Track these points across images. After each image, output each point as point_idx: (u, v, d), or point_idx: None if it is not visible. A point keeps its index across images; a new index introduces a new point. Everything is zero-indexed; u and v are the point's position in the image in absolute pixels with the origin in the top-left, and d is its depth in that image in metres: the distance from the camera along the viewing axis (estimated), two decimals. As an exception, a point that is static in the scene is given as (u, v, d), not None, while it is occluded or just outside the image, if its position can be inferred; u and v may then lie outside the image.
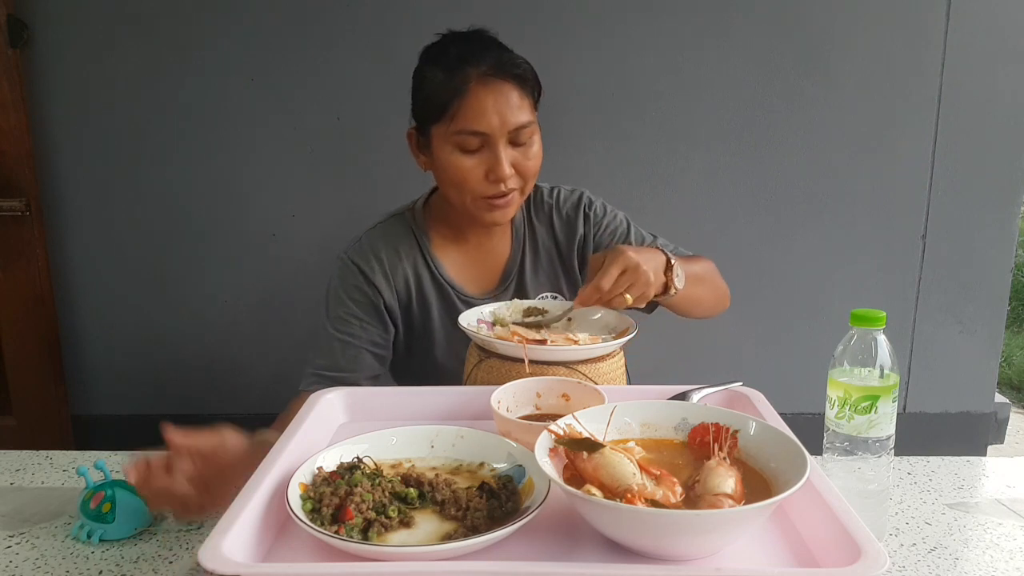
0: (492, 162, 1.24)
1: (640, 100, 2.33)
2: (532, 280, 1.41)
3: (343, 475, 0.76)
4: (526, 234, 1.42)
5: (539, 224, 1.43)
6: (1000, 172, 2.39)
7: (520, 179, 1.28)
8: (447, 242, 1.40)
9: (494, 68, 1.24)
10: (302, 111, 2.33)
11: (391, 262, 1.36)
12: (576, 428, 0.76)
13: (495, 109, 1.22)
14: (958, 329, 2.48)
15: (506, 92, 1.23)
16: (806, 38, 2.30)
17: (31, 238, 2.31)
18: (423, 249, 1.38)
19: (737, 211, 2.40)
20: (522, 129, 1.24)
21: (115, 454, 1.18)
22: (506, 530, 0.67)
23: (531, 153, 1.28)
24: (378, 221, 1.42)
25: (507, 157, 1.24)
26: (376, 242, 1.38)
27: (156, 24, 2.27)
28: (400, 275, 1.37)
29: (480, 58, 1.24)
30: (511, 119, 1.23)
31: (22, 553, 0.92)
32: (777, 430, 0.78)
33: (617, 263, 1.10)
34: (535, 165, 1.29)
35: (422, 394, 1.02)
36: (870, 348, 0.89)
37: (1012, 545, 0.95)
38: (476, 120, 1.23)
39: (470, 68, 1.23)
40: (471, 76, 1.22)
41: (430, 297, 1.38)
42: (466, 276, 1.40)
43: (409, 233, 1.40)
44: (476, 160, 1.25)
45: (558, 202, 1.44)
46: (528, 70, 1.27)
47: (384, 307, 1.36)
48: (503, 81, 1.23)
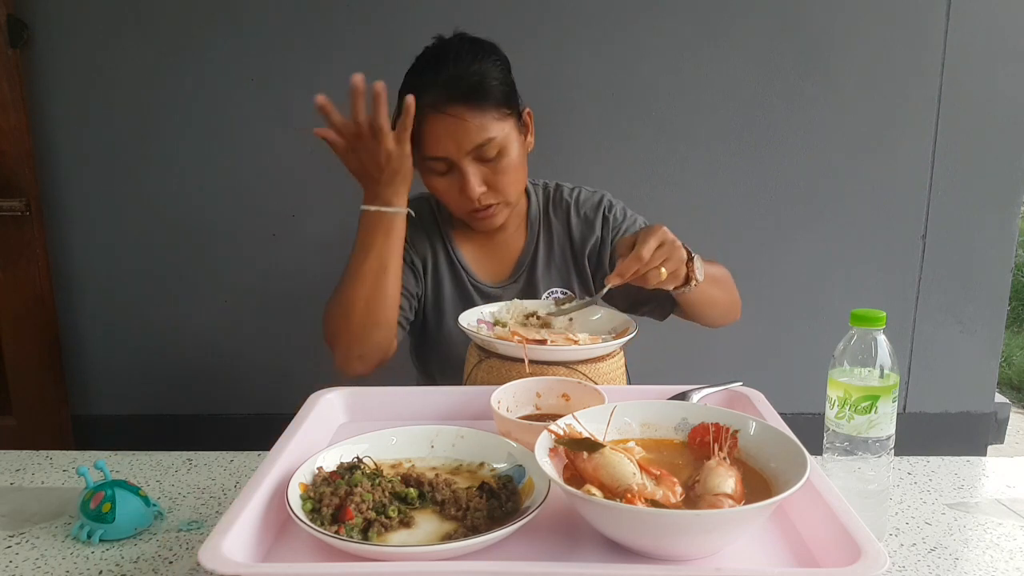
0: (461, 182, 1.28)
1: (640, 100, 2.33)
2: (543, 274, 1.42)
3: (343, 475, 0.77)
4: (541, 228, 1.44)
5: (556, 220, 1.45)
6: (1000, 172, 2.39)
7: (497, 193, 1.30)
8: (465, 231, 1.44)
9: (444, 94, 1.24)
10: (302, 111, 2.32)
11: (414, 235, 1.40)
12: (576, 428, 0.76)
13: (448, 135, 1.25)
14: (958, 329, 2.48)
15: (459, 115, 1.24)
16: (806, 38, 2.30)
17: (31, 238, 2.30)
18: (442, 230, 1.44)
19: (737, 211, 2.40)
20: (483, 147, 1.26)
21: (115, 454, 1.18)
22: (506, 530, 0.67)
23: (501, 167, 1.28)
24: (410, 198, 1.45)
25: (475, 175, 1.27)
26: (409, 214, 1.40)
27: (156, 24, 2.27)
28: (421, 247, 1.42)
29: (431, 85, 1.25)
30: (466, 142, 1.25)
31: (22, 553, 0.92)
32: (777, 430, 0.78)
33: (655, 235, 1.12)
34: (509, 178, 1.30)
35: (422, 394, 1.03)
36: (870, 348, 0.89)
37: (1012, 545, 0.95)
38: (435, 148, 1.27)
39: (424, 97, 1.24)
40: (425, 105, 1.24)
41: (443, 275, 1.43)
42: (480, 264, 1.44)
43: (431, 213, 1.45)
44: (448, 180, 1.30)
45: (578, 201, 1.46)
46: (483, 83, 1.25)
47: (417, 263, 1.41)
48: (454, 105, 1.24)
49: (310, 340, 2.36)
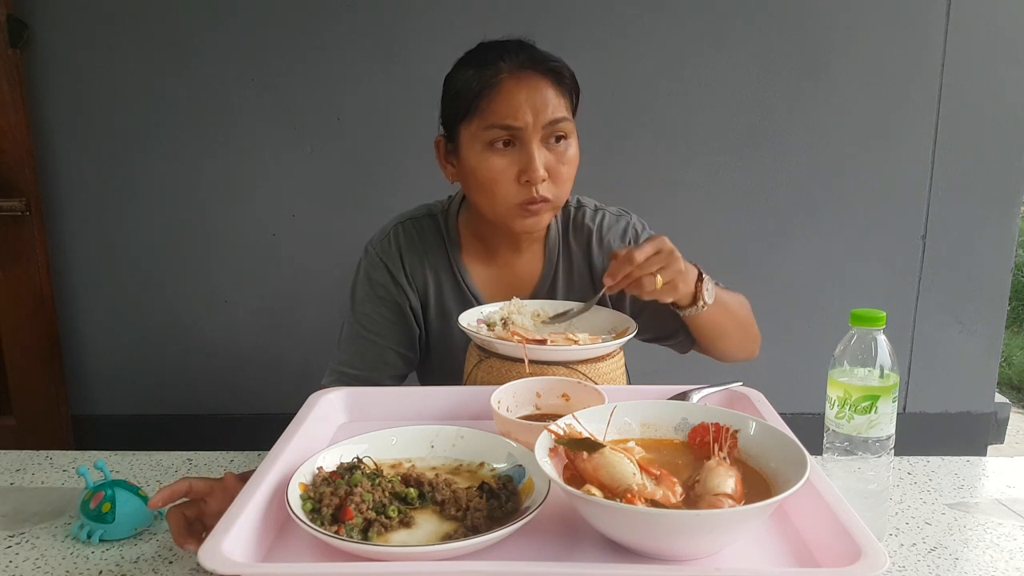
0: (525, 161, 1.16)
1: (640, 100, 2.33)
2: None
3: (343, 475, 0.76)
4: (560, 254, 1.33)
5: (576, 246, 1.33)
6: (1000, 172, 2.39)
7: (553, 186, 1.19)
8: (477, 254, 1.33)
9: (528, 61, 1.17)
10: (302, 111, 2.33)
11: (412, 265, 1.31)
12: (576, 428, 0.76)
13: (528, 103, 1.15)
14: (958, 329, 2.48)
15: (540, 86, 1.16)
16: (806, 38, 2.30)
17: (31, 238, 2.30)
18: (451, 256, 1.32)
19: (737, 211, 2.40)
20: (557, 125, 1.16)
21: (115, 454, 1.18)
22: (506, 530, 0.67)
23: (567, 156, 1.19)
24: (409, 214, 1.35)
25: (541, 157, 1.16)
26: (402, 240, 1.32)
27: (156, 24, 2.27)
28: (420, 279, 1.31)
29: (513, 53, 1.18)
30: (545, 114, 1.15)
31: (22, 553, 0.92)
32: (777, 430, 0.78)
33: (653, 242, 1.09)
34: (570, 171, 1.20)
35: (422, 394, 1.02)
36: (870, 348, 0.89)
37: (1012, 545, 0.95)
38: (508, 114, 1.15)
39: (502, 62, 1.17)
40: (502, 69, 1.16)
41: (451, 305, 1.31)
42: (493, 291, 1.32)
43: (438, 237, 1.33)
44: (507, 160, 1.17)
45: (601, 228, 1.33)
46: (565, 68, 1.20)
47: (410, 308, 1.31)
48: (537, 75, 1.17)
49: (310, 340, 2.37)
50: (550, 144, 1.18)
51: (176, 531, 0.86)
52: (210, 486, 0.88)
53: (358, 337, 1.30)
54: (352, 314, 1.32)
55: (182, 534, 0.86)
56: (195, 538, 0.86)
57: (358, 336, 1.30)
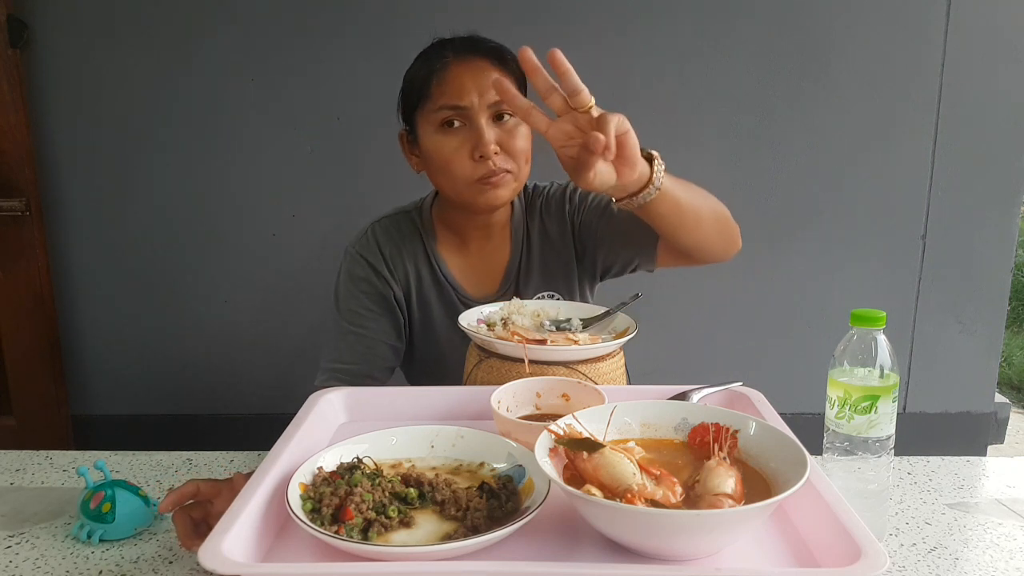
0: (475, 138, 1.22)
1: (640, 100, 2.33)
2: (531, 281, 1.40)
3: (343, 475, 0.76)
4: (524, 235, 1.40)
5: (532, 223, 1.41)
6: (1000, 172, 2.39)
7: (509, 159, 1.24)
8: (451, 244, 1.40)
9: (471, 47, 1.26)
10: (302, 111, 2.33)
11: (392, 257, 1.37)
12: (576, 428, 0.76)
13: (473, 83, 1.22)
14: (958, 329, 2.48)
15: (484, 68, 1.24)
16: (806, 38, 2.30)
17: (31, 238, 2.31)
18: (427, 247, 1.38)
19: (737, 211, 2.38)
20: (502, 103, 1.20)
21: (115, 454, 1.18)
22: (506, 530, 0.67)
23: (518, 131, 1.24)
24: (384, 215, 1.42)
25: (491, 133, 1.22)
26: (380, 235, 1.38)
27: (156, 24, 2.27)
28: (401, 270, 1.37)
29: (458, 42, 1.27)
30: (490, 93, 1.21)
31: (22, 553, 0.92)
32: (777, 430, 0.78)
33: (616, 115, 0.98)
34: (523, 144, 1.26)
35: (422, 394, 1.02)
36: (870, 348, 0.89)
37: (1012, 545, 0.95)
38: (455, 95, 1.22)
39: (448, 50, 1.25)
40: (448, 55, 1.24)
41: (430, 295, 1.38)
42: (467, 279, 1.40)
43: (414, 230, 1.39)
44: (460, 139, 1.23)
45: (547, 199, 1.41)
46: (505, 53, 1.27)
47: (394, 298, 1.36)
48: (480, 58, 1.24)
49: (310, 340, 2.37)
50: (499, 122, 1.25)
51: (182, 533, 0.87)
52: (217, 488, 0.89)
53: (346, 333, 1.33)
54: (337, 313, 1.36)
55: (188, 536, 0.87)
56: (201, 540, 0.86)
57: (346, 332, 1.33)
